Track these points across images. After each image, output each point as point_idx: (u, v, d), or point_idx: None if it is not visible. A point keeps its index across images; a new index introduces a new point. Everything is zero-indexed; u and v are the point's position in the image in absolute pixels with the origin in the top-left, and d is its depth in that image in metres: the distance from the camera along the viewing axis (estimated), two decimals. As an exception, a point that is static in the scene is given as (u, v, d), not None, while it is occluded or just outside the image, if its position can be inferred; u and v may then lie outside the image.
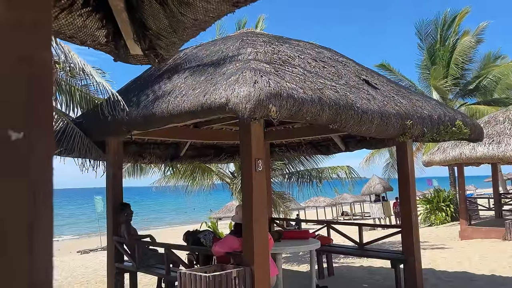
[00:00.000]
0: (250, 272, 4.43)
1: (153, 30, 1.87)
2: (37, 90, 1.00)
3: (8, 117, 0.94)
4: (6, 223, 0.94)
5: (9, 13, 0.96)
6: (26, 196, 0.95)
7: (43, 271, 0.98)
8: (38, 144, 0.99)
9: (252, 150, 4.53)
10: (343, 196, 26.89)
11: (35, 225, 0.97)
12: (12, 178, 0.95)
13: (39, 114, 0.99)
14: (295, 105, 3.87)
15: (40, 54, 1.01)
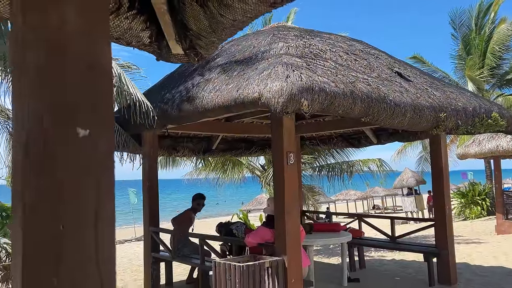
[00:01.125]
0: (283, 262, 4.52)
1: (193, 31, 1.97)
2: (100, 93, 1.12)
3: (76, 116, 1.06)
4: (78, 213, 1.06)
5: (80, 21, 1.08)
6: (94, 187, 1.08)
7: (107, 251, 1.10)
8: (101, 141, 1.11)
9: (283, 143, 4.61)
10: (374, 190, 26.58)
11: (100, 214, 1.09)
12: (81, 171, 1.07)
13: (102, 114, 1.11)
14: (327, 98, 3.92)
15: (104, 60, 1.12)
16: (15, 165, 1.07)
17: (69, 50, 1.07)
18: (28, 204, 1.02)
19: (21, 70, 1.05)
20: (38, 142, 1.03)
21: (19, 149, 1.04)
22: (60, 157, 1.05)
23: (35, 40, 1.03)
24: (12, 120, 1.12)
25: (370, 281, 6.76)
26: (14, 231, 1.10)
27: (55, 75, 1.05)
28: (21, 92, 1.05)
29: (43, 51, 1.04)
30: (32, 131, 1.02)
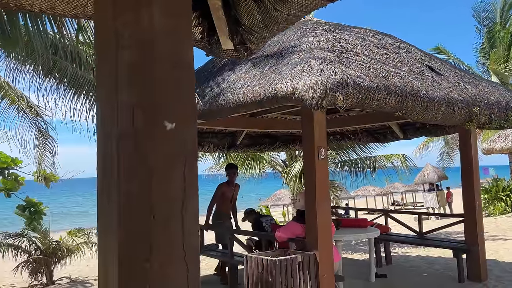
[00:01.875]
0: (315, 257, 4.53)
1: (246, 26, 1.99)
2: (184, 88, 1.14)
3: (164, 111, 1.09)
4: (168, 203, 1.09)
5: (166, 20, 1.10)
6: (180, 178, 1.10)
7: (192, 238, 1.13)
8: (186, 134, 1.13)
9: (314, 138, 4.61)
10: (394, 186, 26.28)
11: (186, 203, 1.12)
12: (169, 163, 1.10)
13: (186, 109, 1.14)
14: (361, 93, 3.90)
15: (187, 57, 1.15)
16: (107, 159, 1.10)
17: (157, 48, 1.10)
18: (123, 194, 1.05)
19: (112, 68, 1.07)
20: (129, 137, 1.06)
21: (112, 144, 1.07)
22: (149, 150, 1.08)
23: (128, 39, 1.06)
24: (98, 117, 1.16)
25: (397, 277, 6.72)
26: (104, 222, 1.13)
27: (145, 72, 1.08)
28: (112, 89, 1.07)
29: (135, 50, 1.07)
30: (124, 126, 1.05)
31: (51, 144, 8.09)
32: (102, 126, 1.12)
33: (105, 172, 1.10)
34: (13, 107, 7.75)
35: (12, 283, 9.26)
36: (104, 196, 1.11)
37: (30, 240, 8.80)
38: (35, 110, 7.95)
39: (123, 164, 1.05)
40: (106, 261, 1.11)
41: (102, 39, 1.13)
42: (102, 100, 1.12)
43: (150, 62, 1.09)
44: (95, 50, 1.19)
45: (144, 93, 1.08)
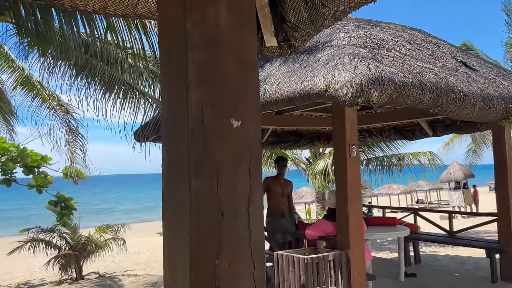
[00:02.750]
0: (346, 255, 4.50)
1: (291, 23, 1.97)
2: (249, 85, 1.14)
3: (231, 108, 1.09)
4: (235, 199, 1.09)
5: (231, 18, 1.10)
6: (246, 174, 1.10)
7: (258, 233, 1.13)
8: (251, 130, 1.13)
9: (346, 135, 4.57)
10: (418, 184, 25.89)
11: (252, 198, 1.12)
12: (235, 160, 1.10)
13: (251, 106, 1.13)
14: (396, 89, 3.84)
15: (252, 54, 1.14)
16: (176, 156, 1.11)
17: (223, 46, 1.10)
18: (194, 191, 1.05)
19: (181, 68, 1.08)
20: (199, 135, 1.06)
21: (182, 142, 1.08)
22: (217, 148, 1.08)
23: (197, 39, 1.06)
24: (165, 115, 1.17)
25: (427, 277, 6.62)
26: (173, 219, 1.14)
27: (213, 70, 1.09)
28: (182, 88, 1.08)
29: (204, 49, 1.07)
30: (195, 124, 1.06)
31: (81, 141, 8.26)
32: (170, 125, 1.13)
33: (174, 169, 1.11)
34: (45, 105, 7.93)
35: (43, 277, 9.50)
36: (173, 194, 1.12)
37: (61, 236, 9.00)
38: (66, 108, 8.12)
39: (194, 161, 1.05)
40: (174, 259, 1.11)
41: (170, 39, 1.13)
42: (171, 99, 1.13)
43: (218, 61, 1.09)
44: (161, 50, 1.19)
45: (212, 92, 1.08)
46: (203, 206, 1.06)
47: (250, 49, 1.14)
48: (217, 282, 1.05)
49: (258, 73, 1.17)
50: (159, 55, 1.22)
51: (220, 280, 1.06)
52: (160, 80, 1.23)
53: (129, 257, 10.86)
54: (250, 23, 1.15)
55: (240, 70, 1.11)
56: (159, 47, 1.20)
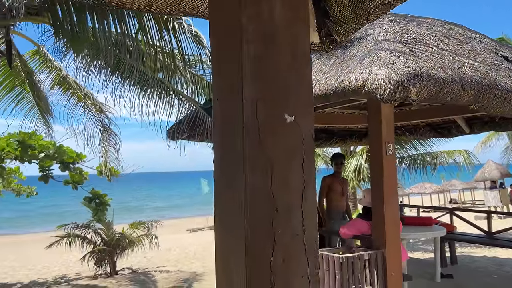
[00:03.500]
0: (382, 255, 4.42)
1: (334, 18, 1.94)
2: (303, 80, 1.12)
3: (285, 103, 1.07)
4: (289, 195, 1.08)
5: (285, 12, 1.08)
6: (299, 170, 1.08)
7: (311, 230, 1.11)
8: (304, 126, 1.11)
9: (382, 133, 4.49)
10: (451, 183, 25.18)
11: (305, 195, 1.10)
12: (288, 155, 1.08)
13: (304, 101, 1.11)
14: (435, 85, 3.73)
15: (305, 48, 1.12)
16: (230, 152, 1.10)
17: (278, 41, 1.08)
18: (249, 187, 1.04)
19: (236, 63, 1.07)
20: (253, 130, 1.05)
21: (236, 138, 1.07)
22: (271, 143, 1.07)
23: (252, 33, 1.05)
24: (218, 111, 1.17)
25: (464, 278, 6.43)
26: (227, 215, 1.13)
27: (268, 65, 1.07)
28: (237, 83, 1.07)
29: (259, 43, 1.06)
30: (249, 119, 1.05)
31: (114, 140, 8.44)
32: (223, 120, 1.12)
33: (228, 165, 1.10)
34: (80, 104, 8.15)
35: (78, 271, 9.78)
36: (226, 190, 1.11)
37: (96, 231, 9.24)
38: (100, 107, 8.31)
39: (248, 157, 1.04)
40: (228, 255, 1.11)
41: (223, 34, 1.13)
42: (224, 94, 1.12)
43: (272, 56, 1.08)
44: (212, 45, 1.19)
45: (266, 86, 1.07)
46: (258, 202, 1.04)
47: (304, 43, 1.12)
48: (272, 278, 1.04)
49: (311, 68, 1.15)
50: (210, 50, 1.21)
51: (275, 276, 1.04)
52: (212, 75, 1.23)
53: (160, 253, 11.05)
54: (304, 17, 1.13)
55: (294, 64, 1.10)
56: (211, 42, 1.20)
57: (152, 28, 4.75)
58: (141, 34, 4.81)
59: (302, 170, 1.10)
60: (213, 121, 1.18)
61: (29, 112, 8.76)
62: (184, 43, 5.61)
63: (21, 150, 8.04)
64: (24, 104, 8.68)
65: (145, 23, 4.67)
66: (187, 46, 5.67)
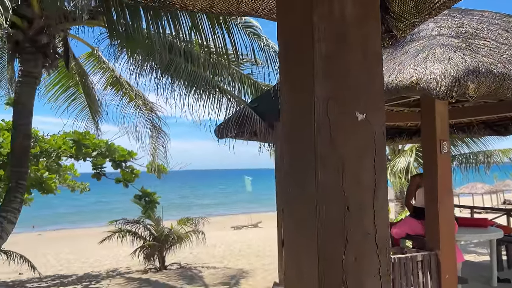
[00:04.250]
0: (436, 257, 4.29)
1: (395, 13, 1.90)
2: (374, 79, 1.11)
3: (356, 102, 1.07)
4: (360, 194, 1.07)
5: (356, 10, 1.08)
6: (371, 168, 1.07)
7: (383, 230, 1.10)
8: (375, 124, 1.10)
9: (436, 131, 4.35)
10: (505, 183, 23.99)
11: (376, 194, 1.09)
12: (360, 153, 1.08)
13: (375, 99, 1.10)
14: (495, 81, 3.57)
15: (376, 47, 1.11)
16: (301, 150, 1.11)
17: (349, 39, 1.08)
18: (320, 185, 1.05)
19: (308, 62, 1.08)
20: (324, 128, 1.05)
21: (308, 136, 1.08)
22: (342, 141, 1.06)
23: (324, 32, 1.05)
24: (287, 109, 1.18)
25: (523, 283, 6.11)
26: (298, 213, 1.14)
27: (339, 63, 1.07)
28: (308, 82, 1.07)
29: (330, 42, 1.06)
30: (320, 117, 1.05)
31: (163, 138, 8.68)
32: (293, 119, 1.13)
33: (299, 163, 1.11)
34: (131, 104, 8.44)
35: (128, 265, 10.14)
36: (297, 188, 1.12)
37: (145, 227, 9.54)
38: (150, 106, 8.57)
39: (320, 155, 1.04)
40: (299, 252, 1.12)
41: (293, 33, 1.14)
42: (295, 92, 1.13)
43: (343, 54, 1.08)
44: (281, 44, 1.20)
45: (338, 85, 1.07)
46: (330, 201, 1.05)
47: (375, 41, 1.11)
48: (344, 277, 1.04)
49: (382, 65, 1.14)
50: (278, 49, 1.22)
51: (347, 275, 1.04)
52: (280, 73, 1.24)
53: (206, 249, 11.25)
54: (375, 15, 1.12)
55: (365, 63, 1.09)
56: (279, 42, 1.21)
57: (205, 26, 4.83)
58: (194, 33, 4.91)
59: (373, 168, 1.09)
60: (281, 120, 1.20)
61: (80, 112, 9.19)
62: (238, 41, 5.57)
63: (76, 148, 8.45)
64: (76, 104, 9.10)
65: (198, 21, 4.76)
66: (241, 43, 5.60)
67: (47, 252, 13.25)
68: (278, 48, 1.22)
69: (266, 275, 8.25)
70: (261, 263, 9.73)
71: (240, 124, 5.93)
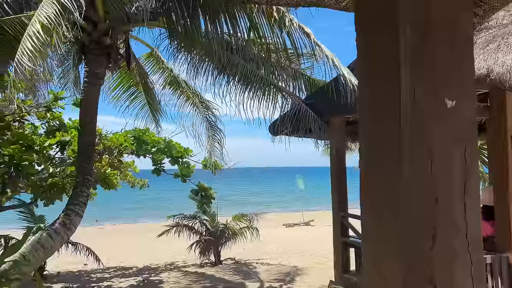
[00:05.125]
0: (507, 260, 4.03)
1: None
2: (463, 66, 1.04)
3: (444, 89, 1.00)
4: (449, 185, 1.01)
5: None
6: (461, 159, 1.01)
7: (475, 226, 1.03)
8: (466, 112, 1.03)
9: (507, 125, 4.08)
10: None
11: (467, 186, 1.02)
12: (449, 142, 1.01)
13: (466, 87, 1.03)
14: None
15: (467, 32, 1.04)
16: (384, 141, 1.07)
17: (437, 22, 1.02)
18: (407, 176, 1.00)
19: (390, 47, 1.03)
20: (412, 116, 1.00)
21: (391, 125, 1.04)
22: (430, 129, 1.01)
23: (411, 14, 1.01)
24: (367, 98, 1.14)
25: None
26: (378, 206, 1.10)
27: (426, 48, 1.02)
28: (392, 68, 1.03)
29: (417, 26, 1.01)
30: (407, 105, 1.00)
31: (219, 135, 8.82)
32: (375, 108, 1.09)
33: (382, 155, 1.07)
34: (189, 102, 8.65)
35: (184, 259, 10.41)
36: (381, 179, 1.08)
37: (201, 222, 9.76)
38: (206, 104, 8.74)
39: (406, 145, 1.00)
40: (381, 246, 1.08)
41: (374, 19, 1.09)
42: (377, 81, 1.09)
43: (431, 38, 1.02)
44: (360, 30, 1.16)
45: (425, 70, 1.02)
46: (416, 192, 1.00)
47: (465, 24, 1.04)
48: (432, 275, 0.99)
49: (473, 51, 1.07)
50: (357, 36, 1.18)
51: (435, 273, 0.99)
52: (358, 61, 1.20)
53: (259, 246, 11.30)
54: (467, 5, 1.06)
55: (455, 47, 1.03)
56: (357, 28, 1.17)
57: (263, 24, 4.85)
58: (252, 31, 4.94)
59: (464, 159, 1.03)
60: (359, 109, 1.16)
61: (141, 110, 9.53)
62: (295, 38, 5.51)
63: (137, 145, 8.79)
64: (137, 103, 9.46)
65: (256, 19, 4.78)
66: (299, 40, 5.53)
67: (109, 245, 13.90)
68: (357, 35, 1.19)
69: (321, 273, 8.16)
70: (314, 261, 9.65)
71: (295, 121, 5.90)
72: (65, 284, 7.90)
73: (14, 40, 5.14)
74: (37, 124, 7.73)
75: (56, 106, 7.28)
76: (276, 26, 4.68)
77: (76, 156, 6.98)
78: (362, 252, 1.19)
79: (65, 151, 7.71)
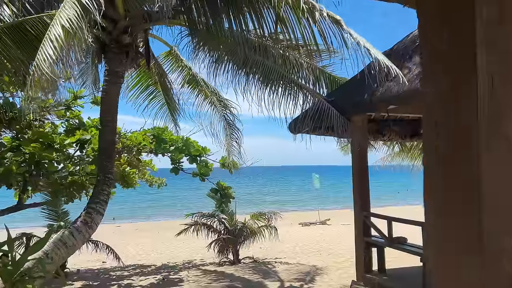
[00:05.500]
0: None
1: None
2: None
3: None
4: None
5: None
6: None
7: None
8: None
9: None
10: None
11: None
12: None
13: None
14: None
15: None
16: (462, 131, 1.00)
17: None
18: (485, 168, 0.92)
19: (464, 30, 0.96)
20: (490, 107, 0.93)
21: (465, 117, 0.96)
22: (509, 119, 0.93)
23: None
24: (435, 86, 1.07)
25: None
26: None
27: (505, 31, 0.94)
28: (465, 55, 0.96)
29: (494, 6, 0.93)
30: (484, 94, 0.93)
31: (237, 134, 8.77)
32: (446, 98, 1.02)
33: (454, 145, 0.99)
34: (207, 101, 8.62)
35: (202, 257, 10.41)
36: (454, 172, 1.00)
37: (220, 221, 9.73)
38: (224, 103, 8.71)
39: (484, 136, 0.92)
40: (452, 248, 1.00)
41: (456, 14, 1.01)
42: (447, 69, 1.02)
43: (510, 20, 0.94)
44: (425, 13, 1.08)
45: (504, 56, 0.94)
46: (497, 187, 0.92)
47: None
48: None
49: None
50: (419, 16, 1.10)
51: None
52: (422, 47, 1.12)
53: (276, 245, 11.23)
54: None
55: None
56: (418, 9, 1.09)
57: (291, 18, 4.76)
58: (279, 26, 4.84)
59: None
60: (426, 100, 1.08)
61: (159, 109, 9.55)
62: (324, 27, 5.26)
63: (155, 144, 8.80)
64: (155, 102, 9.47)
65: (283, 14, 4.70)
66: (328, 30, 5.26)
67: (126, 243, 13.99)
68: (419, 22, 1.11)
69: (341, 272, 8.06)
70: (333, 260, 9.55)
71: (316, 119, 5.81)
72: (85, 282, 7.95)
73: (36, 40, 5.14)
74: (57, 123, 7.79)
75: (75, 105, 7.31)
76: (304, 17, 4.56)
77: (96, 154, 7.00)
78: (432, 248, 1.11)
79: (85, 149, 7.75)
